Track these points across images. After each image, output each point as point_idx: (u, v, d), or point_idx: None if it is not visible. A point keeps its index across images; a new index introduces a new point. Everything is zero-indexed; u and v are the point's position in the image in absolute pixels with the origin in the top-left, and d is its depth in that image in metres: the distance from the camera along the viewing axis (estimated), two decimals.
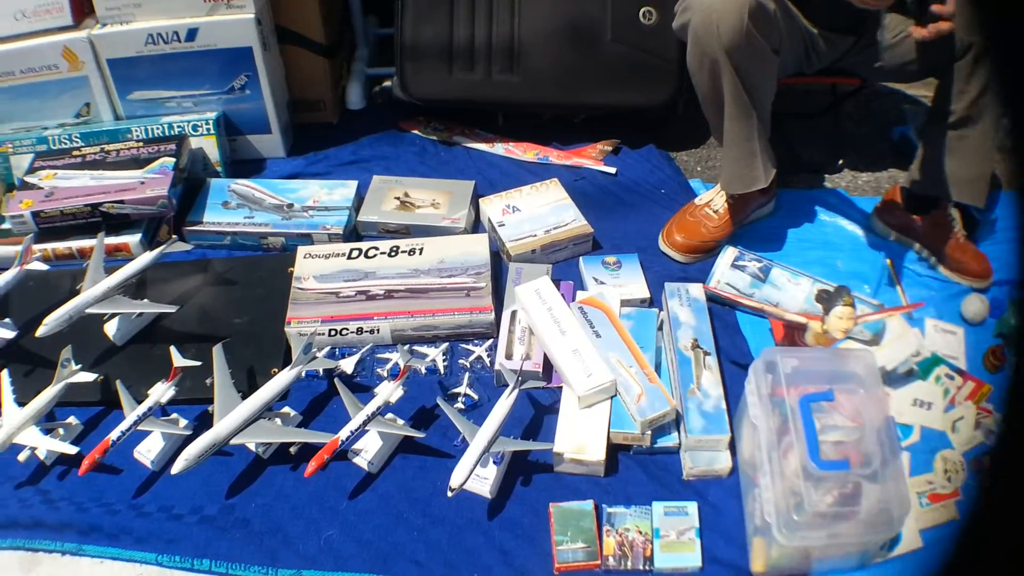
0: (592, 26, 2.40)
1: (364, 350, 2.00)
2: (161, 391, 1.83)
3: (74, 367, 1.87)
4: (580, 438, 1.78)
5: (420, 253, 2.14)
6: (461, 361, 2.00)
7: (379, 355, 2.01)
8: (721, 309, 2.14)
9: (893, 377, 2.05)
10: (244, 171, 2.50)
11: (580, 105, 2.52)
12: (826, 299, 1.85)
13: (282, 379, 1.85)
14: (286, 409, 1.89)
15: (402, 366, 1.87)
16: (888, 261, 2.34)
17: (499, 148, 2.54)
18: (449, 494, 1.64)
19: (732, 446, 1.82)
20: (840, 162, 2.69)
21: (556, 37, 2.42)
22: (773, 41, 1.97)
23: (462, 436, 1.75)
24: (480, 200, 2.30)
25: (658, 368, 1.93)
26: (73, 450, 1.78)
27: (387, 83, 2.51)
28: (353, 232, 2.30)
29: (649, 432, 1.80)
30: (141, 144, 2.38)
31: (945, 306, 2.26)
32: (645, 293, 2.10)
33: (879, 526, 1.61)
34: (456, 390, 1.93)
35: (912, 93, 2.89)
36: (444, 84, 2.45)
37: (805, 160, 2.69)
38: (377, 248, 2.15)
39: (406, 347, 1.94)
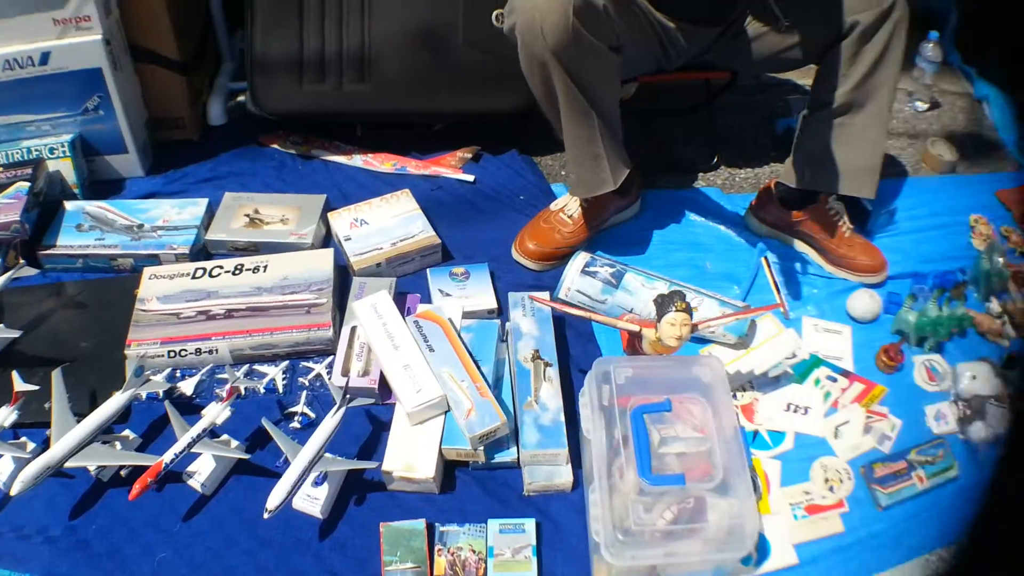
0: (444, 30, 2.34)
1: (204, 371, 1.95)
2: (3, 415, 1.78)
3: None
4: (410, 455, 1.73)
5: (264, 270, 2.08)
6: (301, 379, 1.95)
7: (219, 375, 1.96)
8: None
9: (764, 381, 2.01)
10: (103, 192, 2.42)
11: (436, 113, 2.46)
12: (659, 304, 1.79)
13: (113, 403, 1.79)
14: (126, 432, 1.84)
15: (228, 387, 1.83)
16: (764, 260, 2.30)
17: (357, 160, 2.48)
18: (265, 515, 1.59)
19: (578, 459, 1.78)
20: (715, 159, 2.65)
21: (407, 43, 2.36)
22: (607, 38, 1.88)
23: (284, 456, 1.71)
24: (329, 214, 2.24)
25: (501, 381, 1.89)
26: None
27: (241, 98, 2.45)
28: (202, 251, 2.24)
29: (482, 448, 1.75)
30: (1, 169, 2.32)
31: (829, 304, 2.22)
32: (492, 304, 2.06)
33: (728, 543, 1.55)
34: (293, 409, 1.88)
35: (802, 83, 2.86)
36: (294, 97, 2.39)
37: (678, 159, 2.65)
38: (221, 267, 2.10)
39: (234, 366, 1.91)
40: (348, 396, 1.80)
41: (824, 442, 1.93)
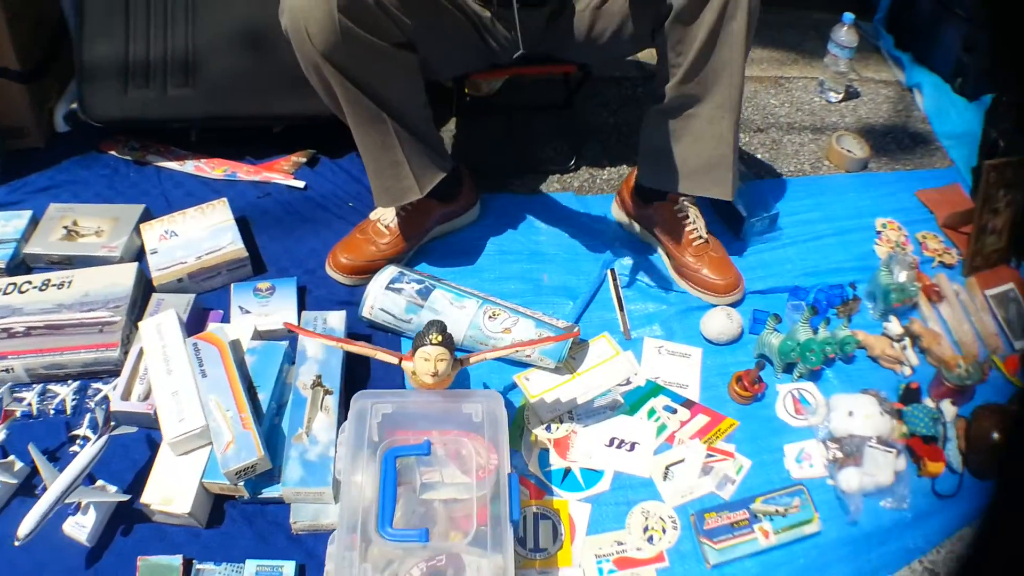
0: (270, 31, 2.19)
1: (2, 390, 1.90)
2: None
3: None
4: (170, 488, 1.67)
5: (68, 286, 2.01)
6: (88, 401, 1.89)
7: (16, 394, 1.90)
8: (384, 336, 2.02)
9: (587, 411, 1.87)
10: None
11: (266, 116, 2.37)
12: (417, 336, 1.67)
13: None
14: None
15: (3, 410, 1.79)
16: (610, 272, 2.18)
17: (189, 166, 2.41)
18: (16, 543, 1.54)
19: None
20: (573, 161, 2.53)
21: (232, 45, 2.28)
22: (388, 35, 1.76)
23: (44, 483, 1.65)
24: (141, 226, 2.17)
25: (283, 409, 1.81)
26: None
27: (75, 105, 2.39)
28: (22, 265, 2.17)
29: (242, 483, 1.68)
30: None
31: (680, 323, 2.09)
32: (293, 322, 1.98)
33: None
34: (75, 432, 1.83)
35: None
36: (120, 104, 2.31)
37: (536, 159, 2.54)
38: (30, 282, 2.03)
39: (28, 386, 1.89)
40: (113, 423, 1.75)
41: (650, 483, 1.77)
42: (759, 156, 2.66)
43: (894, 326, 2.07)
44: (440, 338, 1.64)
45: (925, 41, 3.00)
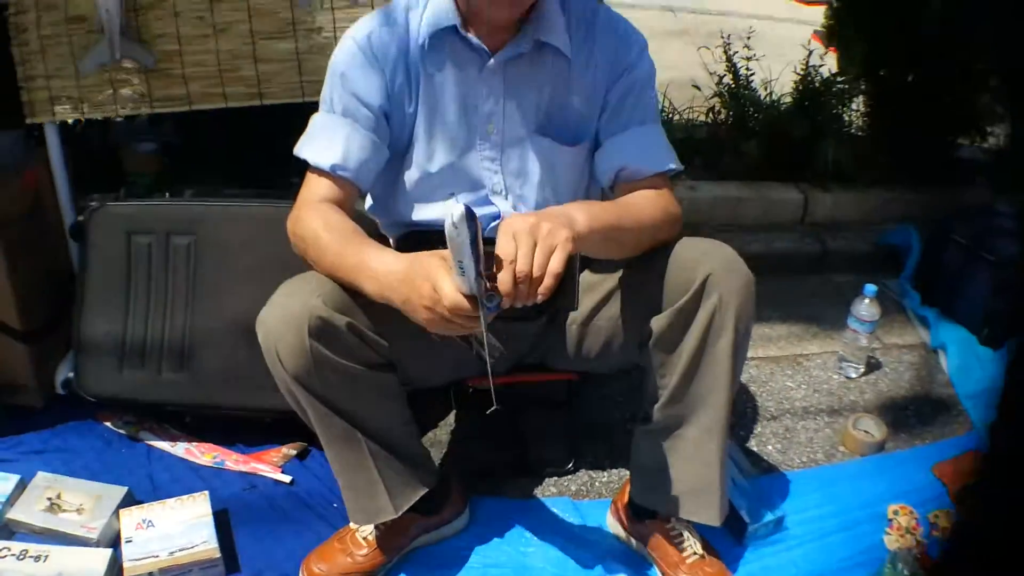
0: None
1: None
2: None
3: None
4: None
5: (44, 560, 1.97)
6: None
7: None
8: None
9: None
10: None
11: (257, 409, 2.35)
12: None
13: None
14: None
15: None
16: None
17: (180, 448, 2.40)
18: None
19: None
20: (572, 463, 2.49)
21: (229, 337, 2.29)
22: (364, 359, 1.75)
23: None
24: (121, 511, 2.14)
25: None
26: None
27: (71, 374, 2.43)
28: (5, 528, 2.14)
29: None
30: None
31: None
32: None
33: None
34: None
35: None
36: (113, 382, 2.34)
37: (532, 460, 2.49)
38: (9, 548, 2.00)
39: None
40: None
41: None
42: (770, 448, 2.61)
43: None
44: None
45: (953, 293, 3.03)
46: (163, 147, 3.00)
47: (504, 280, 1.48)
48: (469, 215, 1.40)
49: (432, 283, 1.50)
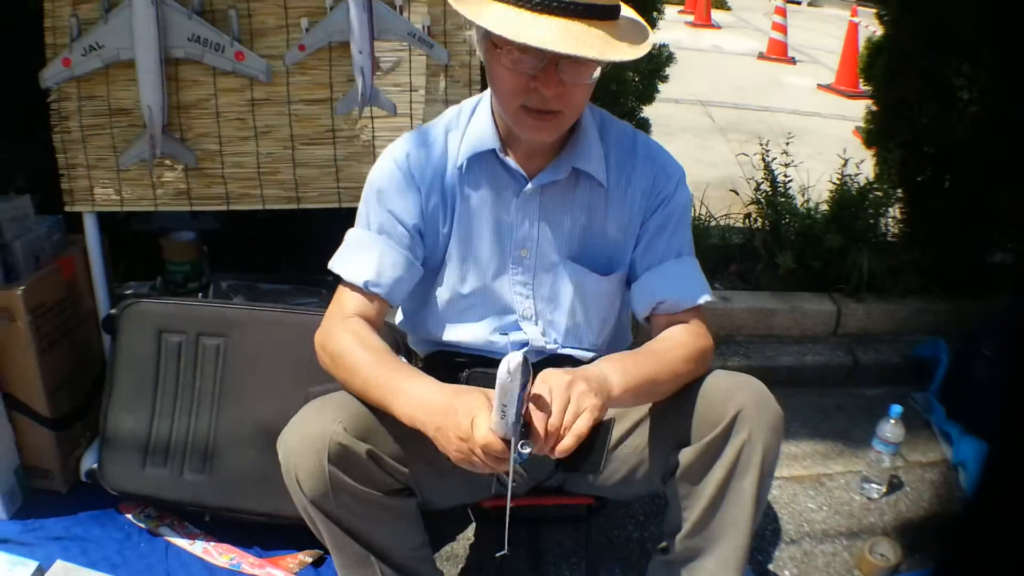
0: None
1: None
2: None
3: None
4: None
5: None
6: None
7: None
8: None
9: None
10: None
11: (276, 515, 2.36)
12: None
13: None
14: None
15: None
16: None
17: (198, 547, 2.41)
18: None
19: None
20: None
21: (253, 442, 2.32)
22: (383, 485, 1.76)
23: None
24: None
25: None
26: None
27: (95, 465, 2.46)
28: None
29: None
30: None
31: None
32: None
33: None
34: None
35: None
36: (135, 478, 2.37)
37: None
38: None
39: None
40: None
41: None
42: (787, 574, 2.58)
43: None
44: None
45: (978, 405, 2.99)
46: (202, 233, 3.04)
47: (535, 433, 1.51)
48: (525, 366, 1.44)
49: (472, 419, 1.53)
